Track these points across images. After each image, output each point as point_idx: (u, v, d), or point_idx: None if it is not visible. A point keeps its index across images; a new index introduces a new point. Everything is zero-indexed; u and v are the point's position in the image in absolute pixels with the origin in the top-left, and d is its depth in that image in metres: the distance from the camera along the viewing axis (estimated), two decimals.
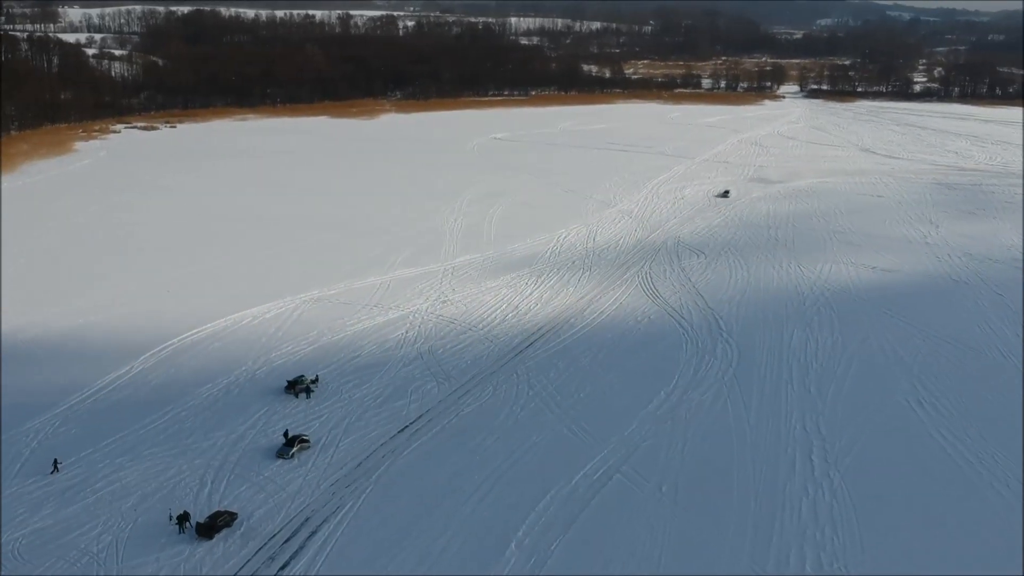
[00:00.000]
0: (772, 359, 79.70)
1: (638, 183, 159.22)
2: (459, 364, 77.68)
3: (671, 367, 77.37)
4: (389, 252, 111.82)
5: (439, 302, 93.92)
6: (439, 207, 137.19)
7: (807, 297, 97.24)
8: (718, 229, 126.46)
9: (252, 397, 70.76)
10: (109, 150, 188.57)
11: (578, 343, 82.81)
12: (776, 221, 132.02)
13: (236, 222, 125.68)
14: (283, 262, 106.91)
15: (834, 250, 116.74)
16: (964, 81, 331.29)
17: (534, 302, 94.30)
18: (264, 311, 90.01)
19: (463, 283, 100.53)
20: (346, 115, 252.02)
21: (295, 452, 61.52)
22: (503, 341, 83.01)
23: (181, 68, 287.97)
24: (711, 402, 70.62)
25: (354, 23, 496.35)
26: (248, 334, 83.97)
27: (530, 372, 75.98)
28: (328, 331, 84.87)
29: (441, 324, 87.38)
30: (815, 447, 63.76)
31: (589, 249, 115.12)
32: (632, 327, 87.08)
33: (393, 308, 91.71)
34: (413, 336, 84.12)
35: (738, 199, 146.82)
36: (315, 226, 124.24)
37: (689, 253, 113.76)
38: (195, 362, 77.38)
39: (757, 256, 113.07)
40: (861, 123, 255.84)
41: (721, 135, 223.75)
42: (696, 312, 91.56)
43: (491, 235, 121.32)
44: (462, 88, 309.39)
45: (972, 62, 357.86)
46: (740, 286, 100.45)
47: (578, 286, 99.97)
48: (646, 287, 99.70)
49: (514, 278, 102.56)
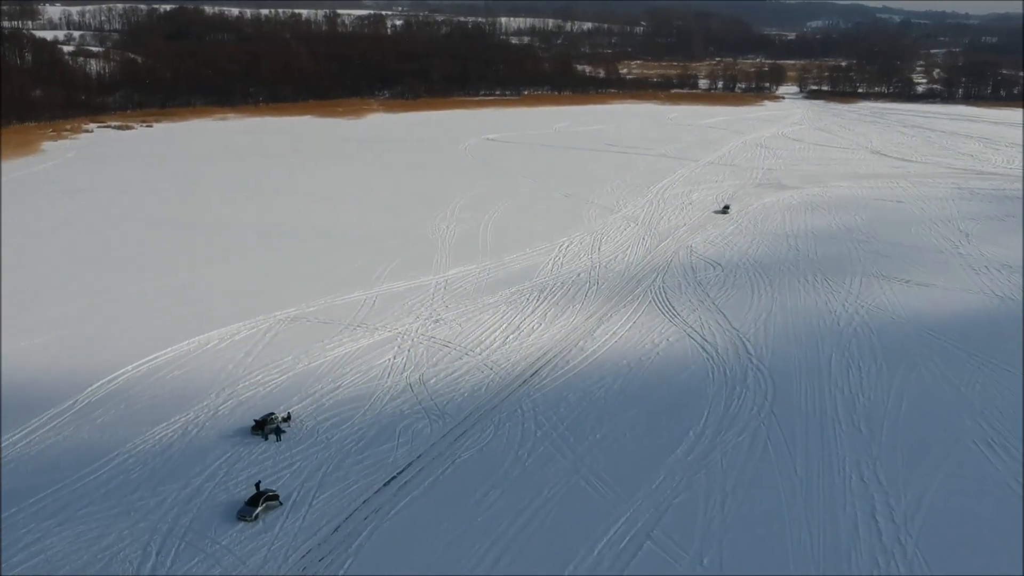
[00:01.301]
0: (812, 390, 69.78)
1: (642, 187, 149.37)
2: (454, 397, 67.48)
3: (698, 401, 67.37)
4: (375, 263, 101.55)
5: (431, 321, 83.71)
6: (430, 213, 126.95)
7: (840, 315, 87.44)
8: (733, 238, 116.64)
9: (213, 439, 60.36)
10: (78, 151, 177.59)
11: (589, 371, 72.72)
12: (793, 229, 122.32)
13: (205, 230, 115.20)
14: (256, 275, 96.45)
15: (861, 261, 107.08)
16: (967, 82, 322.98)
17: (537, 321, 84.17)
18: (233, 332, 79.58)
19: (457, 299, 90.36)
20: (332, 115, 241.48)
21: (260, 513, 51.17)
22: (504, 368, 72.83)
23: (160, 65, 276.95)
24: (749, 445, 60.63)
25: (341, 22, 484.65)
26: (213, 360, 73.52)
27: (536, 407, 65.84)
28: (305, 356, 74.52)
29: (433, 348, 77.15)
30: (878, 503, 53.86)
31: (595, 260, 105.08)
32: (649, 351, 77.02)
33: (379, 328, 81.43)
34: (401, 362, 73.84)
35: (750, 205, 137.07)
36: (293, 234, 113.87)
37: (704, 265, 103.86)
38: (150, 395, 66.95)
39: (779, 268, 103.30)
40: (866, 124, 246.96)
41: (724, 137, 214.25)
42: (720, 333, 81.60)
43: (487, 244, 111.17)
44: (452, 88, 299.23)
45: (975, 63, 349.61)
46: (764, 302, 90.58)
47: (585, 302, 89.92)
48: (661, 304, 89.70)
49: (514, 293, 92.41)
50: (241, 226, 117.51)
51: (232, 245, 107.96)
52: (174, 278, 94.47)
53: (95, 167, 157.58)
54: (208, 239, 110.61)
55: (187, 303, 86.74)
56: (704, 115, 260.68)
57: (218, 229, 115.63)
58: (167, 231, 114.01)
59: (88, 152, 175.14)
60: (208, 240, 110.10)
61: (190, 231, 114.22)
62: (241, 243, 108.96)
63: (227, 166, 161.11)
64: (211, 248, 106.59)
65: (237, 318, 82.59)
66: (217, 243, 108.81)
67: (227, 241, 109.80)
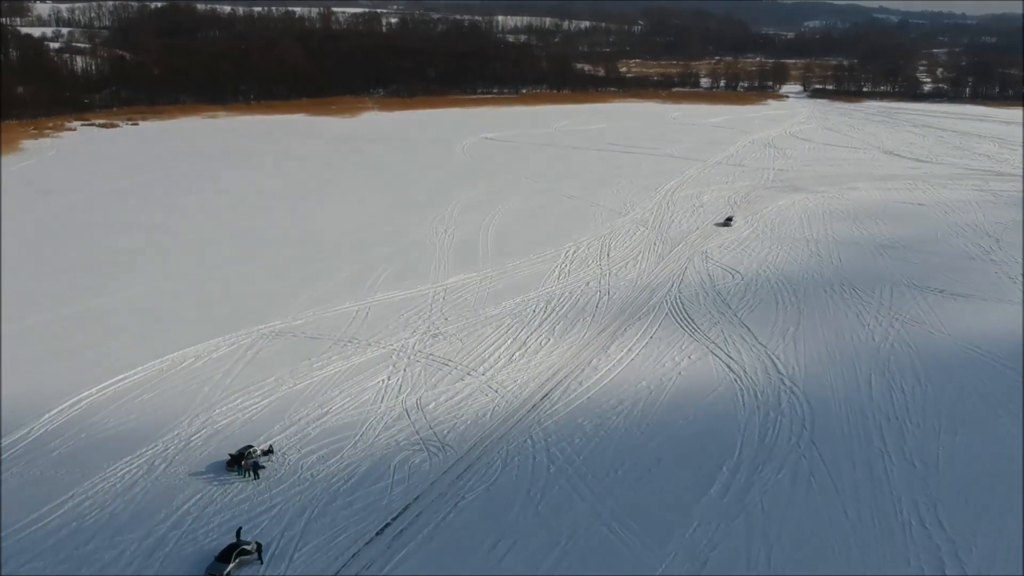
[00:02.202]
0: (854, 416, 62.68)
1: (649, 188, 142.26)
2: (456, 425, 60.25)
3: (729, 429, 60.23)
4: (368, 271, 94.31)
5: (429, 336, 76.47)
6: (426, 216, 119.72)
7: (874, 329, 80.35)
8: (750, 243, 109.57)
9: (182, 477, 53.05)
10: (59, 149, 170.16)
11: (605, 394, 65.54)
12: (813, 233, 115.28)
13: (184, 235, 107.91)
14: (238, 285, 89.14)
15: (889, 269, 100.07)
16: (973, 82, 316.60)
17: (545, 336, 76.97)
18: (211, 349, 72.27)
19: (458, 310, 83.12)
20: (325, 113, 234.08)
21: (232, 570, 43.91)
22: (511, 391, 65.62)
23: (148, 62, 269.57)
24: (790, 483, 53.50)
25: (335, 19, 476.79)
26: (188, 382, 66.20)
27: (548, 437, 58.64)
28: (290, 377, 67.24)
29: (432, 366, 69.93)
30: (945, 554, 46.80)
31: (604, 267, 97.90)
32: (670, 371, 69.84)
33: (372, 344, 74.17)
34: (397, 384, 66.59)
35: (765, 208, 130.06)
36: (280, 240, 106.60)
37: (722, 273, 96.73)
38: (115, 422, 59.64)
39: (802, 276, 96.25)
40: (874, 124, 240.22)
41: (730, 136, 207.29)
42: (745, 350, 74.46)
43: (488, 250, 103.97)
44: (448, 86, 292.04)
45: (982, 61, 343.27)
46: (791, 315, 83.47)
47: (596, 314, 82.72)
48: (679, 316, 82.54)
49: (519, 304, 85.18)
50: (223, 231, 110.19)
51: (212, 252, 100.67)
52: (148, 288, 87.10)
53: (74, 167, 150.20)
54: (187, 245, 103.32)
55: (161, 316, 79.42)
56: (708, 114, 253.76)
57: (198, 234, 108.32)
58: (143, 236, 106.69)
59: (69, 151, 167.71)
60: (187, 246, 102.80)
61: (168, 236, 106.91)
62: (222, 249, 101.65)
63: (211, 166, 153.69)
64: (190, 255, 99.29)
65: (216, 333, 75.31)
66: (196, 249, 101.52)
67: (207, 247, 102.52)
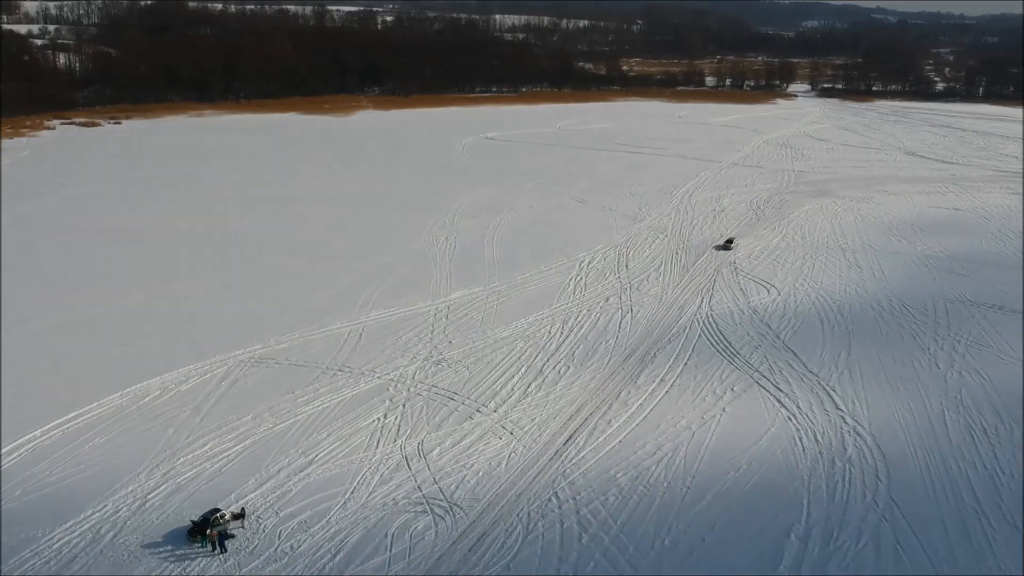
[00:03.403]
0: (934, 464, 53.06)
1: (663, 191, 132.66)
2: (466, 477, 50.51)
3: (791, 482, 50.57)
4: (362, 285, 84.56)
5: (431, 362, 66.76)
6: (425, 222, 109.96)
7: (936, 354, 70.79)
8: (781, 253, 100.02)
9: (134, 550, 43.29)
10: (34, 149, 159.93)
11: (639, 436, 55.84)
12: (848, 241, 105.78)
13: (154, 244, 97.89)
14: (216, 300, 79.24)
15: (937, 282, 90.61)
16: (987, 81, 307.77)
17: (563, 363, 67.27)
18: (180, 379, 62.47)
19: (463, 331, 73.39)
20: (317, 112, 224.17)
21: None
22: (529, 432, 55.92)
23: (134, 59, 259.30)
24: (875, 556, 43.90)
25: (330, 17, 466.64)
26: (150, 421, 56.40)
27: (577, 494, 48.92)
28: (269, 415, 57.45)
29: (435, 400, 60.22)
30: None
31: (624, 280, 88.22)
32: (711, 406, 60.18)
33: (366, 373, 64.43)
34: (395, 423, 56.85)
35: (791, 213, 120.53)
36: (264, 247, 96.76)
37: (755, 286, 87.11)
38: (58, 475, 49.83)
39: (844, 290, 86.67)
40: (890, 124, 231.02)
41: (742, 136, 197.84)
42: (795, 379, 64.84)
43: (494, 261, 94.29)
44: (446, 84, 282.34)
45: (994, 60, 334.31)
46: (840, 336, 73.86)
47: (620, 336, 73.03)
48: (714, 338, 72.88)
49: (531, 324, 75.46)
50: (200, 237, 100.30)
51: (188, 261, 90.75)
52: (109, 305, 77.10)
53: (47, 168, 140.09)
54: (158, 254, 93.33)
55: (123, 338, 69.51)
56: (716, 113, 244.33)
57: (172, 242, 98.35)
58: (109, 244, 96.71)
59: (44, 151, 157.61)
60: (157, 256, 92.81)
61: (138, 244, 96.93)
62: (199, 258, 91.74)
63: (192, 167, 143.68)
64: (161, 265, 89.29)
65: (187, 359, 65.52)
66: (168, 260, 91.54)
67: (182, 256, 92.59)
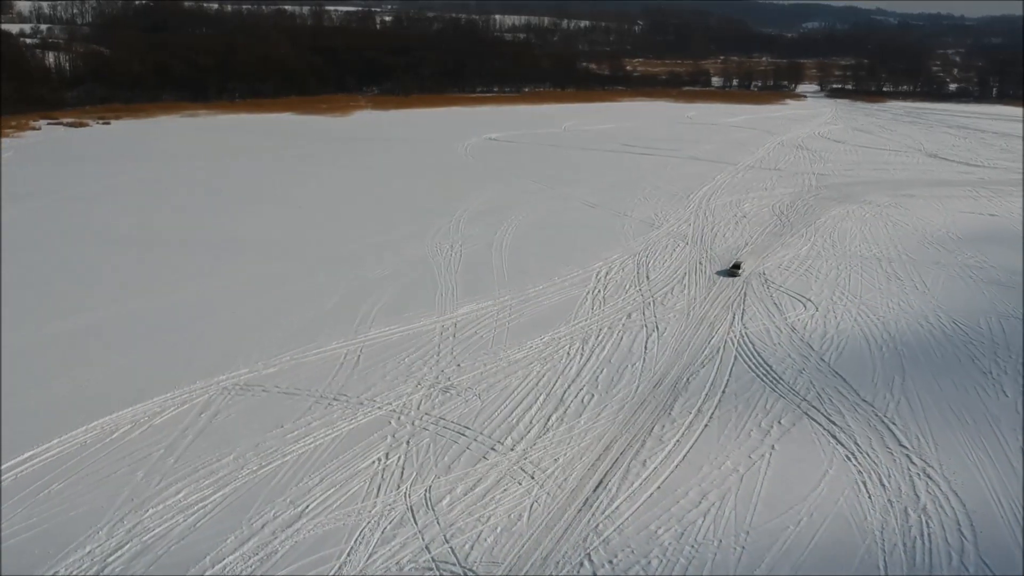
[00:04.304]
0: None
1: (679, 195, 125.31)
2: (482, 533, 43.16)
3: (862, 541, 43.24)
4: (360, 297, 77.20)
5: (437, 389, 59.41)
6: (428, 227, 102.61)
7: (1000, 379, 63.59)
8: (812, 263, 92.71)
9: None
10: (17, 150, 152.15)
11: (680, 481, 48.52)
12: (882, 250, 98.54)
13: (129, 251, 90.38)
14: (198, 314, 71.77)
15: (985, 296, 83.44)
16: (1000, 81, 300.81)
17: (586, 390, 59.93)
18: (154, 410, 55.08)
19: (472, 352, 66.04)
20: (314, 111, 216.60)
21: None
22: (552, 476, 48.58)
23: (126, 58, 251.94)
24: None
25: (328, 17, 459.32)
26: (117, 462, 49.08)
27: (614, 556, 41.61)
28: (254, 455, 50.10)
29: (444, 436, 52.86)
30: None
31: (646, 294, 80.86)
32: (759, 443, 52.84)
33: (365, 403, 57.08)
34: (398, 464, 49.51)
35: (817, 219, 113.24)
36: (254, 256, 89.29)
37: (789, 300, 79.77)
38: (5, 532, 42.35)
39: (887, 306, 79.33)
40: (905, 125, 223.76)
41: (755, 137, 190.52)
42: (848, 410, 57.51)
43: (504, 271, 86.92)
44: (446, 84, 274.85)
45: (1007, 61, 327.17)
46: (890, 358, 66.58)
47: (647, 359, 65.69)
48: (752, 361, 65.53)
49: (548, 344, 68.11)
50: (184, 244, 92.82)
51: (169, 270, 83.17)
52: (78, 320, 69.66)
53: (29, 170, 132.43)
54: (134, 264, 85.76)
55: (92, 361, 62.09)
56: (725, 113, 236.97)
57: (150, 250, 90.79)
58: (80, 251, 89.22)
59: (27, 153, 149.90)
60: (133, 265, 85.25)
61: (111, 252, 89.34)
62: (178, 268, 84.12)
63: (177, 169, 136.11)
64: (135, 275, 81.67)
65: (163, 387, 58.13)
66: (145, 269, 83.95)
67: (159, 266, 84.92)
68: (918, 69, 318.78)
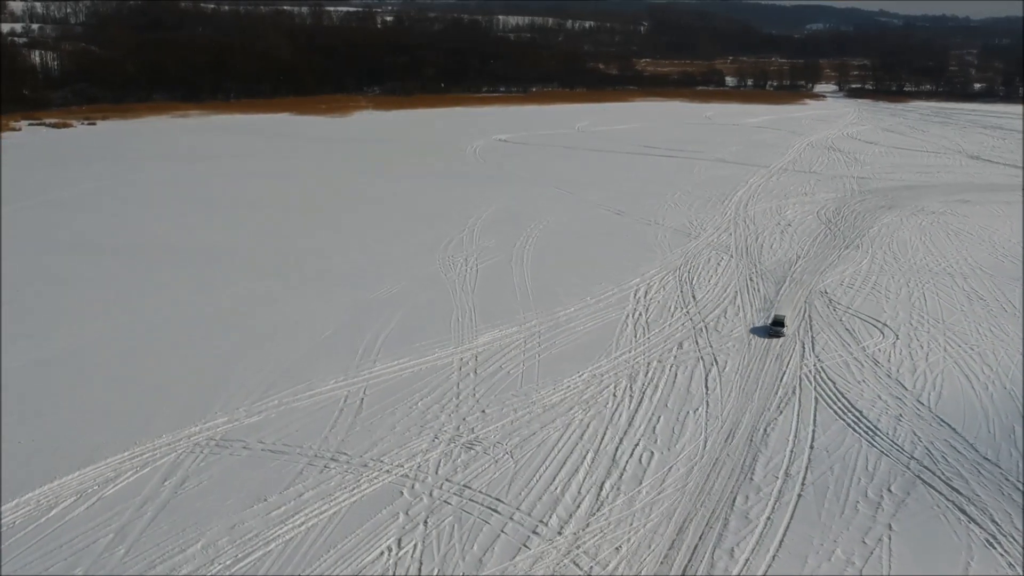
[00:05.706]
0: None
1: (713, 201, 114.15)
2: None
3: None
4: (363, 323, 65.88)
5: (459, 445, 48.13)
6: (439, 239, 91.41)
7: None
8: (878, 279, 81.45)
9: None
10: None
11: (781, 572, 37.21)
12: (950, 263, 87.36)
13: (101, 264, 79.08)
14: (169, 346, 60.36)
15: None
16: None
17: (644, 446, 48.61)
18: (108, 476, 43.91)
19: (499, 395, 54.72)
20: (313, 112, 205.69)
21: None
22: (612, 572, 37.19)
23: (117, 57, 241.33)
24: None
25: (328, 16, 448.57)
26: (49, 555, 37.90)
27: None
28: (229, 542, 38.83)
29: (472, 514, 41.60)
30: None
31: (695, 317, 69.56)
32: (871, 522, 41.60)
33: (370, 464, 45.82)
34: (413, 557, 38.18)
35: (870, 228, 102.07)
36: (241, 270, 78.01)
37: (862, 325, 68.44)
38: None
39: (978, 332, 68.05)
40: (936, 125, 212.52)
41: (780, 138, 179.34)
42: (968, 471, 46.30)
43: (527, 289, 75.64)
44: (450, 84, 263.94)
45: None
46: (1001, 400, 55.38)
47: (711, 403, 54.37)
48: (837, 404, 54.21)
49: (588, 382, 56.81)
50: (156, 258, 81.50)
51: (133, 291, 71.85)
52: (26, 356, 58.31)
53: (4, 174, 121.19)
54: (101, 276, 74.45)
55: (37, 411, 50.73)
56: (745, 114, 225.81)
57: (123, 263, 79.50)
58: (41, 262, 77.90)
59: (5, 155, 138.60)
60: (101, 278, 73.95)
61: (75, 262, 78.15)
62: (148, 288, 72.78)
63: (165, 172, 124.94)
64: (101, 296, 70.39)
65: (120, 444, 46.91)
66: (112, 285, 72.69)
67: (127, 283, 73.65)
68: (940, 69, 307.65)
